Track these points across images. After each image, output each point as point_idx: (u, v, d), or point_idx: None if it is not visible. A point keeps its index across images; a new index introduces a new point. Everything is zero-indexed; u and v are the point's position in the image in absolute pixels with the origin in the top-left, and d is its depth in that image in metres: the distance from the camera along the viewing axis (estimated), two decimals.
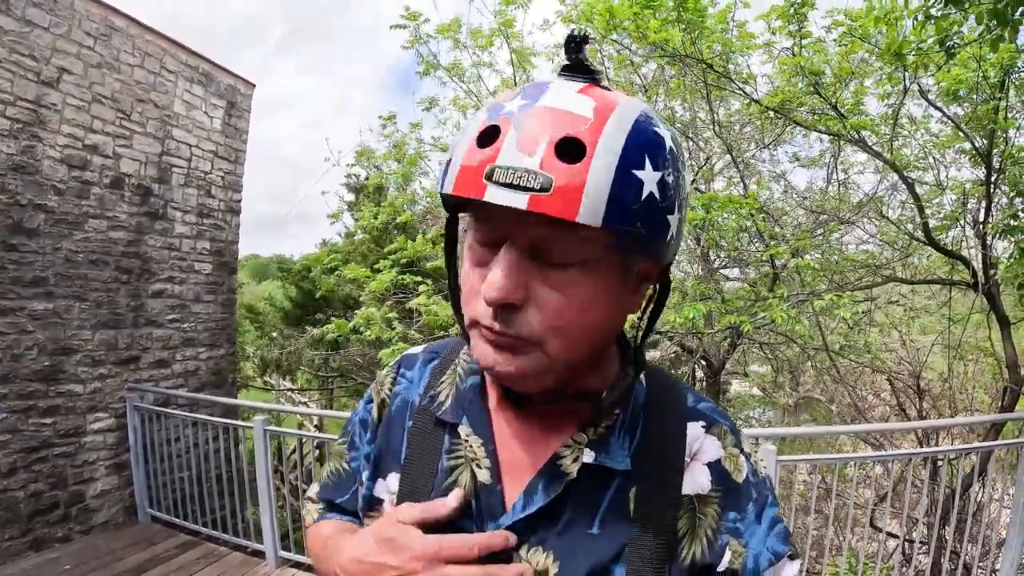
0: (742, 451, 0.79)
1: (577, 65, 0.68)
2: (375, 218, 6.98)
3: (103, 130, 5.36)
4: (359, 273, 6.24)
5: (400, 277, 6.31)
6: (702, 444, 0.78)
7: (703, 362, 7.58)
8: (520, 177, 0.59)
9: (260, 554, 4.77)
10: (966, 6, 3.48)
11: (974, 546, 4.31)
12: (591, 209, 0.58)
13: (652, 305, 0.79)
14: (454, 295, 0.78)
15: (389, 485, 0.85)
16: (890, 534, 5.44)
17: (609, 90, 0.67)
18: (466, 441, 0.80)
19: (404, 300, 6.53)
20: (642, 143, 0.63)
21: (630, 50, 6.01)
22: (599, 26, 5.41)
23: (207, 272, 6.63)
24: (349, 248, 10.78)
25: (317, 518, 0.98)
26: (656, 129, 0.65)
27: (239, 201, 7.07)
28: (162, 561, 4.69)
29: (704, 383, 8.49)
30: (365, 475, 0.89)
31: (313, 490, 1.01)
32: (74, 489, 5.17)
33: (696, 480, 0.76)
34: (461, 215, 0.77)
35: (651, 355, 8.77)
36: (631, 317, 0.79)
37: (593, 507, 0.74)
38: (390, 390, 0.93)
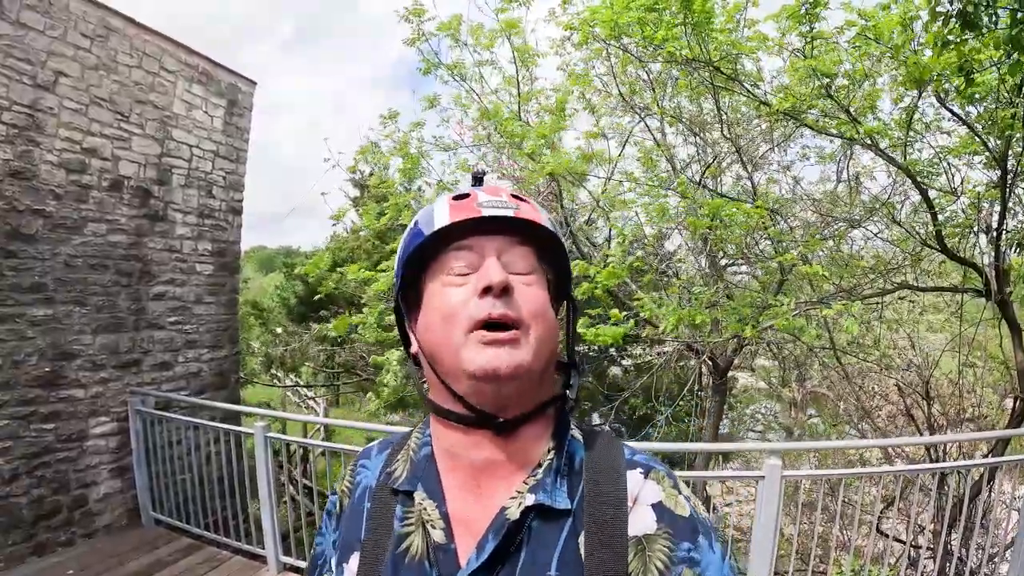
0: (680, 492, 0.85)
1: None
2: (378, 219, 6.92)
3: (101, 132, 5.30)
4: (361, 275, 6.20)
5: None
6: (643, 488, 0.84)
7: (709, 362, 7.53)
8: (500, 204, 0.85)
9: (262, 558, 4.77)
10: (984, 32, 3.41)
11: (980, 552, 4.29)
12: (546, 222, 0.87)
13: (569, 329, 0.95)
14: (414, 362, 0.94)
15: (351, 568, 0.89)
16: (898, 540, 5.40)
17: None
18: (420, 505, 0.85)
19: None
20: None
21: (632, 54, 5.91)
22: (603, 32, 5.31)
23: (208, 273, 6.59)
24: (355, 244, 10.74)
25: None
26: None
27: (241, 201, 7.01)
28: (165, 565, 4.71)
29: (710, 381, 8.46)
30: (333, 561, 0.95)
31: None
32: (77, 493, 5.16)
33: (641, 522, 0.81)
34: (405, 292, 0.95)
35: (658, 350, 8.73)
36: None
37: (549, 551, 0.79)
38: (350, 482, 0.99)
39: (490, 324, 0.79)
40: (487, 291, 0.80)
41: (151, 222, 5.86)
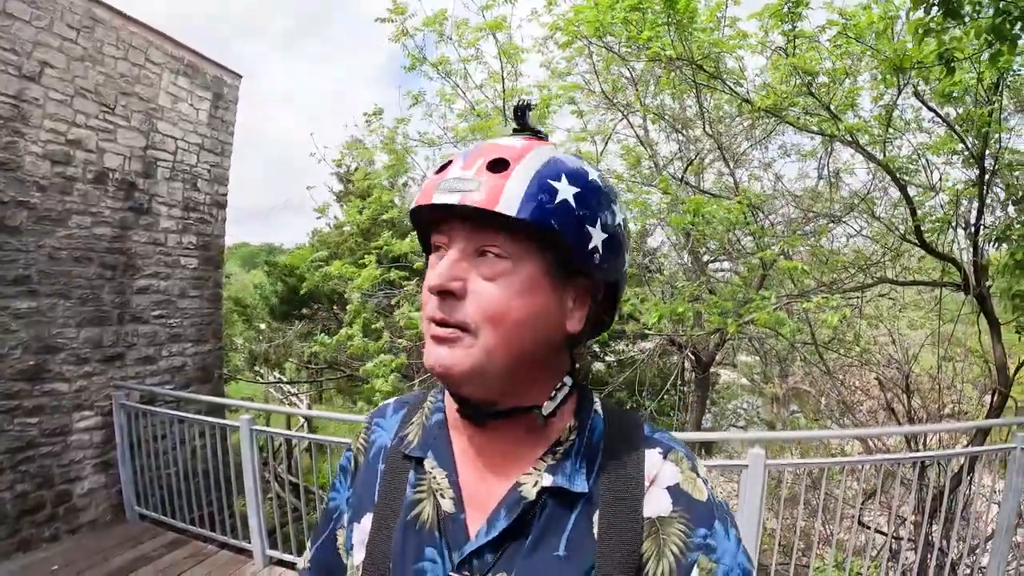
0: (698, 475, 0.83)
1: (524, 127, 0.83)
2: (360, 213, 6.90)
3: (86, 124, 5.27)
4: (345, 271, 6.19)
5: (385, 274, 6.28)
6: (660, 469, 0.82)
7: (692, 356, 7.60)
8: (456, 184, 0.74)
9: (248, 552, 4.75)
10: (966, 20, 3.46)
11: (962, 544, 4.37)
12: (508, 202, 0.72)
13: (593, 325, 0.87)
14: None
15: (363, 527, 0.89)
16: (879, 531, 5.49)
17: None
18: (430, 473, 0.85)
19: (391, 296, 6.49)
20: (560, 164, 0.77)
21: (615, 51, 5.95)
22: (587, 31, 5.35)
23: (193, 267, 6.56)
24: (338, 240, 10.70)
25: (305, 568, 1.01)
26: (579, 163, 0.79)
27: (225, 194, 6.99)
28: (150, 560, 4.68)
29: (693, 376, 8.54)
30: (346, 518, 0.94)
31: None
32: (61, 488, 5.13)
33: (657, 503, 0.80)
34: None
35: (641, 346, 8.81)
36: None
37: (559, 530, 0.78)
38: (365, 440, 0.98)
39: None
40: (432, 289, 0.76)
41: (135, 215, 5.83)
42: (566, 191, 0.74)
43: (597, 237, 0.77)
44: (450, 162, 0.78)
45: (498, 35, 6.36)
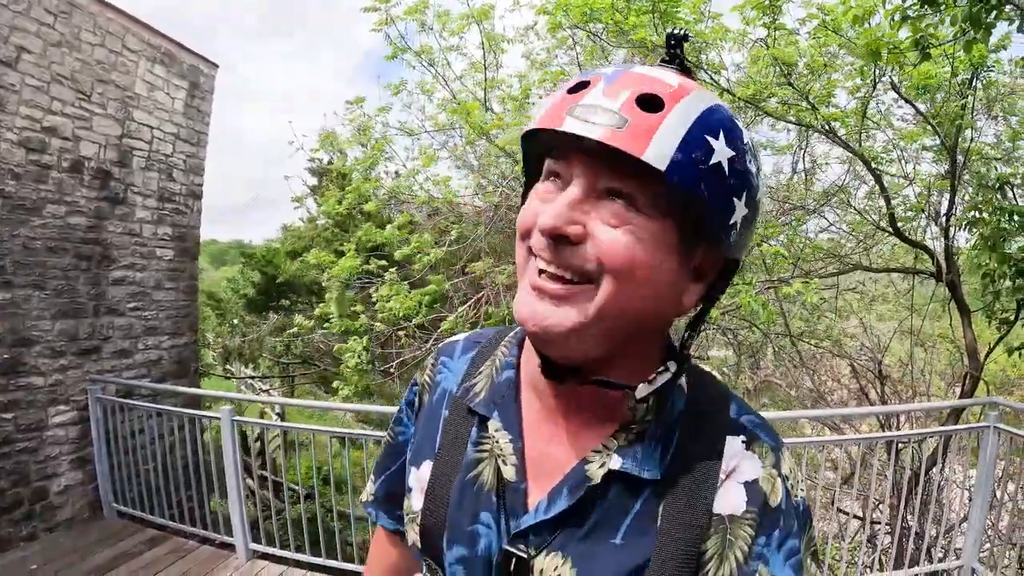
0: (780, 473, 0.74)
1: (674, 59, 0.72)
2: (339, 203, 6.85)
3: (62, 111, 5.14)
4: (323, 259, 6.15)
5: (365, 264, 6.25)
6: (740, 461, 0.73)
7: None
8: (598, 113, 0.63)
9: (230, 547, 4.68)
10: (942, 8, 3.55)
11: (937, 527, 4.49)
12: (658, 152, 0.61)
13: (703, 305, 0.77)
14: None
15: (421, 474, 0.85)
16: (856, 517, 5.62)
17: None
18: (494, 436, 0.79)
19: (369, 285, 6.46)
20: (719, 119, 0.66)
21: (600, 38, 6.01)
22: (574, 16, 5.39)
23: (168, 258, 6.44)
24: (312, 233, 10.60)
25: (368, 501, 0.99)
26: (736, 120, 0.69)
27: (201, 185, 6.88)
28: (131, 557, 4.57)
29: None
30: (409, 456, 0.91)
31: (372, 470, 1.02)
32: (37, 486, 4.99)
33: (730, 499, 0.71)
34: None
35: None
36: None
37: (620, 516, 0.72)
38: (431, 378, 0.93)
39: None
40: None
41: (111, 205, 5.71)
42: (722, 152, 0.64)
43: (740, 211, 0.67)
44: (587, 83, 0.66)
45: (483, 24, 6.37)
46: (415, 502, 0.85)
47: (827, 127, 5.45)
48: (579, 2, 5.13)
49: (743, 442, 0.75)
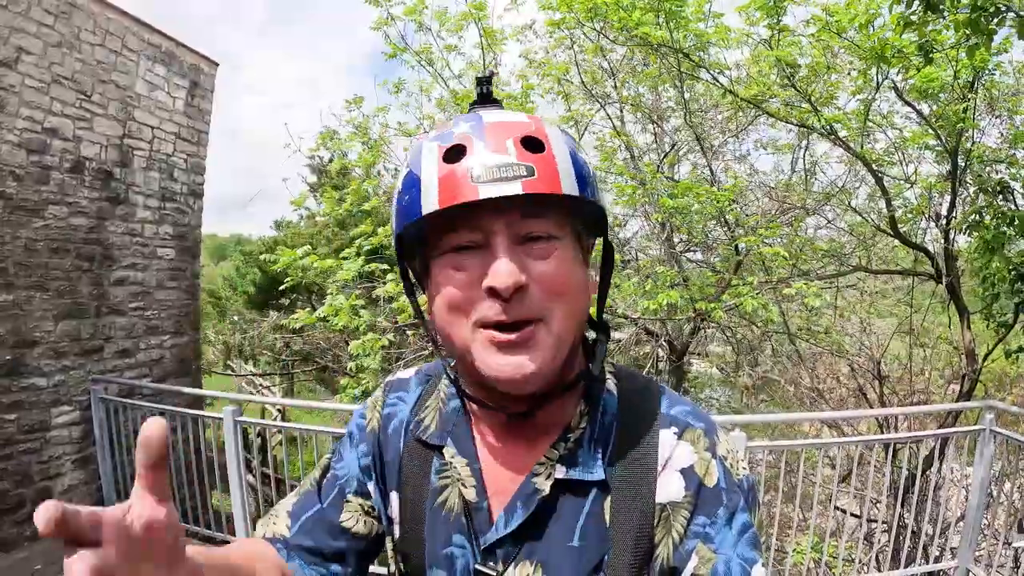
0: (715, 455, 0.78)
1: (487, 97, 0.79)
2: (340, 203, 6.84)
3: (63, 112, 5.13)
4: (326, 266, 6.14)
5: (366, 267, 6.24)
6: (674, 451, 0.78)
7: (666, 345, 7.70)
8: (504, 171, 0.67)
9: None
10: (945, 14, 3.58)
11: (933, 526, 4.52)
12: (569, 183, 0.69)
13: (600, 283, 0.84)
14: (428, 327, 0.82)
15: (393, 507, 0.88)
16: (853, 515, 5.65)
17: None
18: (451, 463, 0.83)
19: (371, 287, 6.46)
20: (569, 139, 0.74)
21: (604, 35, 6.01)
22: (579, 13, 5.39)
23: (170, 257, 6.44)
24: (312, 231, 10.57)
25: (277, 538, 0.89)
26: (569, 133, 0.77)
27: (202, 184, 6.87)
28: None
29: (667, 365, 8.65)
30: (371, 486, 0.91)
31: (283, 506, 0.94)
32: (40, 486, 5.02)
33: (670, 488, 0.76)
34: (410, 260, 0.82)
35: (616, 336, 8.89)
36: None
37: (573, 520, 0.77)
38: (382, 412, 0.94)
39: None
40: (494, 293, 0.69)
41: (112, 205, 5.70)
42: (581, 158, 0.74)
43: (606, 202, 0.79)
44: (459, 147, 0.69)
45: (480, 22, 6.36)
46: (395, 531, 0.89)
47: (829, 129, 5.46)
48: None
49: (675, 433, 0.79)
